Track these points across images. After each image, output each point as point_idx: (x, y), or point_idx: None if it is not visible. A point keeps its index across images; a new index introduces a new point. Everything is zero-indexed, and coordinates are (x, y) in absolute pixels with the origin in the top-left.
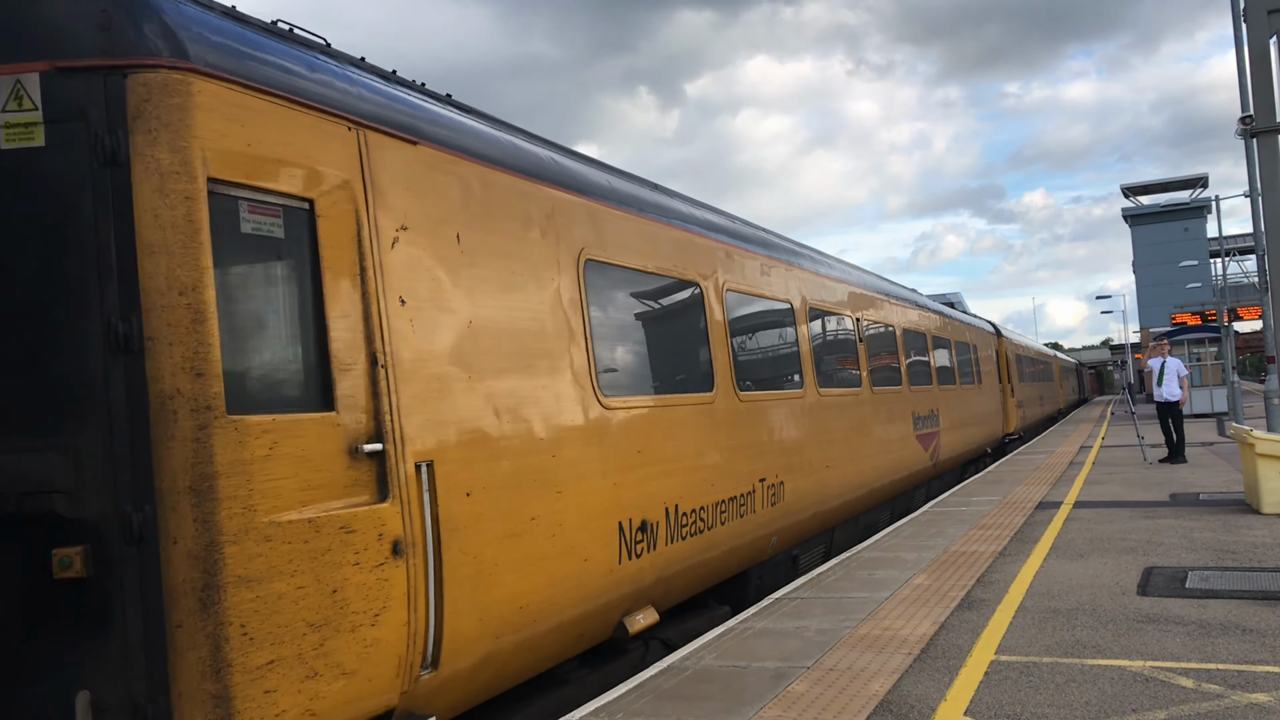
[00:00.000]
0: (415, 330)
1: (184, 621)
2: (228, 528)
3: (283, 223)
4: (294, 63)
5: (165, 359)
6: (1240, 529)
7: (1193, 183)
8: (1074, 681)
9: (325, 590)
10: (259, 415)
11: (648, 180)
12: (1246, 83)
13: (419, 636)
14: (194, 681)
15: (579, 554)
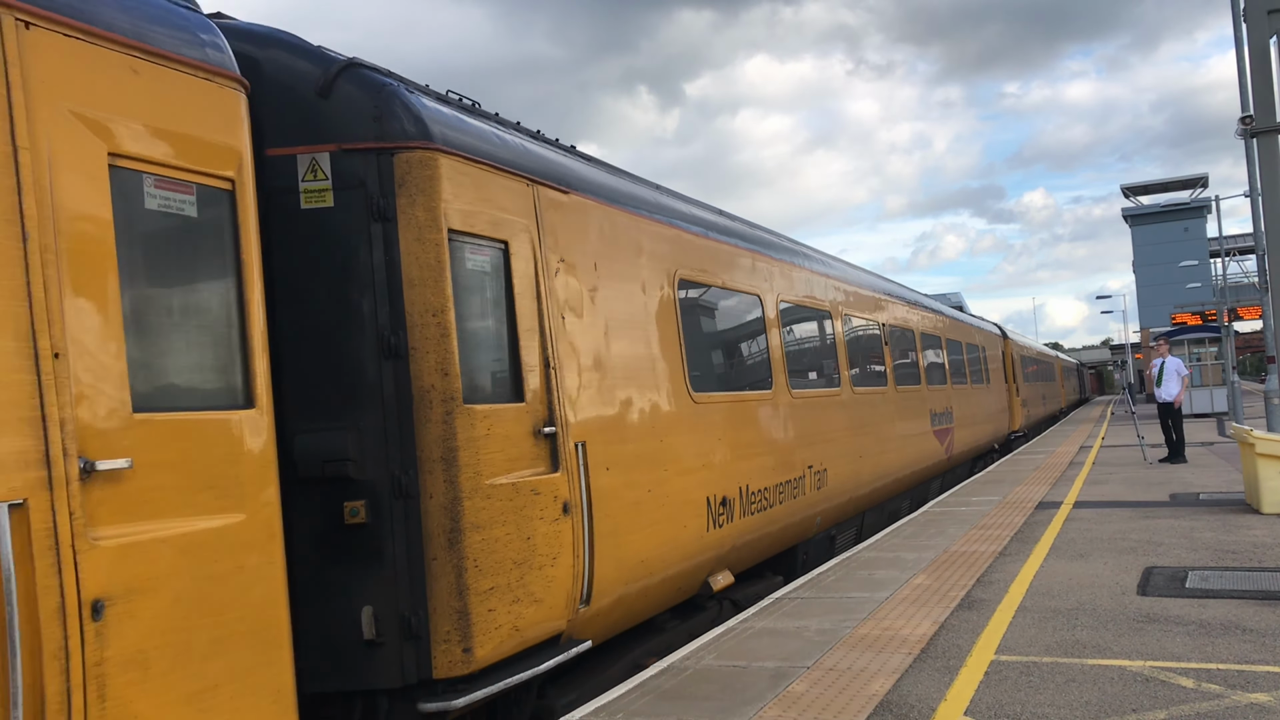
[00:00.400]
0: (571, 340)
1: (437, 555)
2: (465, 487)
3: (490, 261)
4: (491, 135)
5: (423, 363)
6: (1240, 529)
7: (1193, 183)
8: (1074, 681)
9: (523, 537)
10: (482, 405)
11: (715, 207)
12: (1246, 83)
13: (579, 578)
14: (444, 600)
15: (680, 522)
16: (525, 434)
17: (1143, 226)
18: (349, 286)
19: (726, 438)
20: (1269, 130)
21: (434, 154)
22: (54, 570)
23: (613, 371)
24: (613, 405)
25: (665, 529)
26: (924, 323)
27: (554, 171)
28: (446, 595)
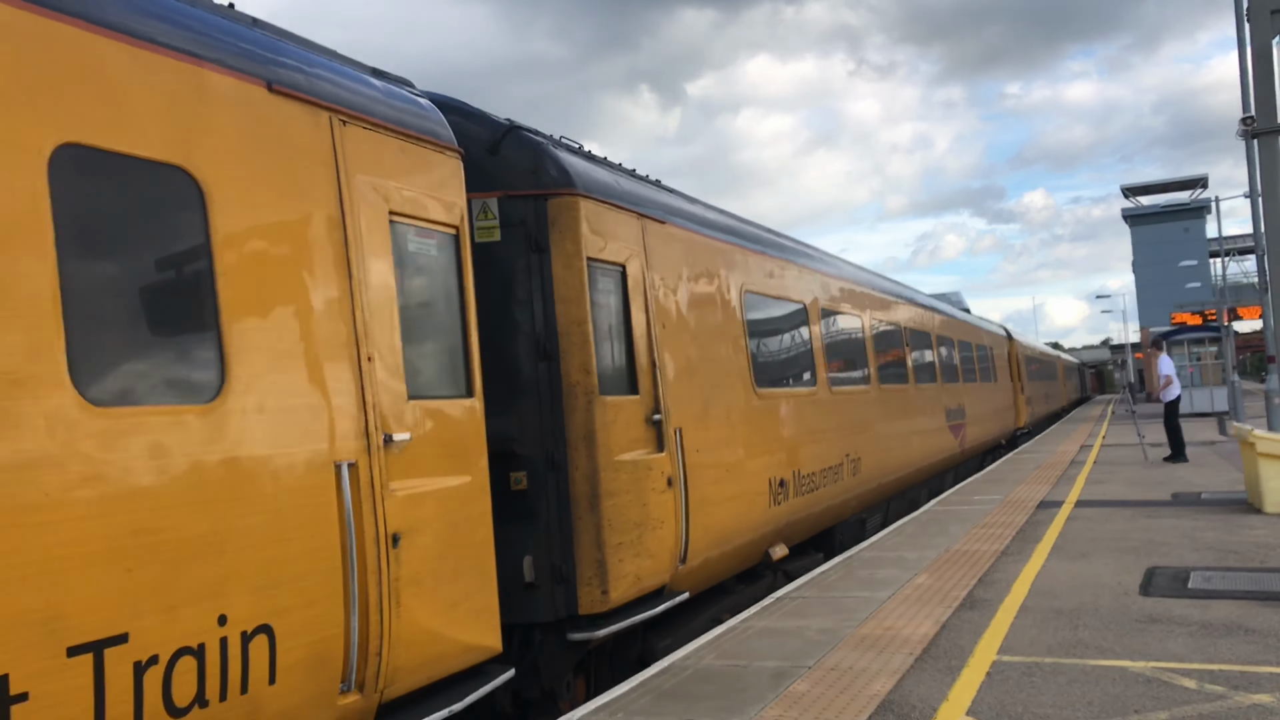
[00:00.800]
0: (669, 344)
1: (581, 516)
2: (601, 462)
3: (613, 281)
4: (611, 179)
5: (569, 363)
6: (1242, 529)
7: (1193, 183)
8: (1076, 682)
9: (640, 503)
10: (611, 396)
11: (768, 227)
12: (1248, 83)
13: (679, 540)
14: (587, 551)
15: (748, 498)
16: (640, 420)
17: (1143, 227)
18: (513, 303)
19: (783, 428)
20: (1270, 131)
21: (576, 198)
22: (372, 511)
23: (698, 370)
24: (699, 398)
25: (738, 504)
26: (939, 326)
27: (653, 205)
28: (588, 547)
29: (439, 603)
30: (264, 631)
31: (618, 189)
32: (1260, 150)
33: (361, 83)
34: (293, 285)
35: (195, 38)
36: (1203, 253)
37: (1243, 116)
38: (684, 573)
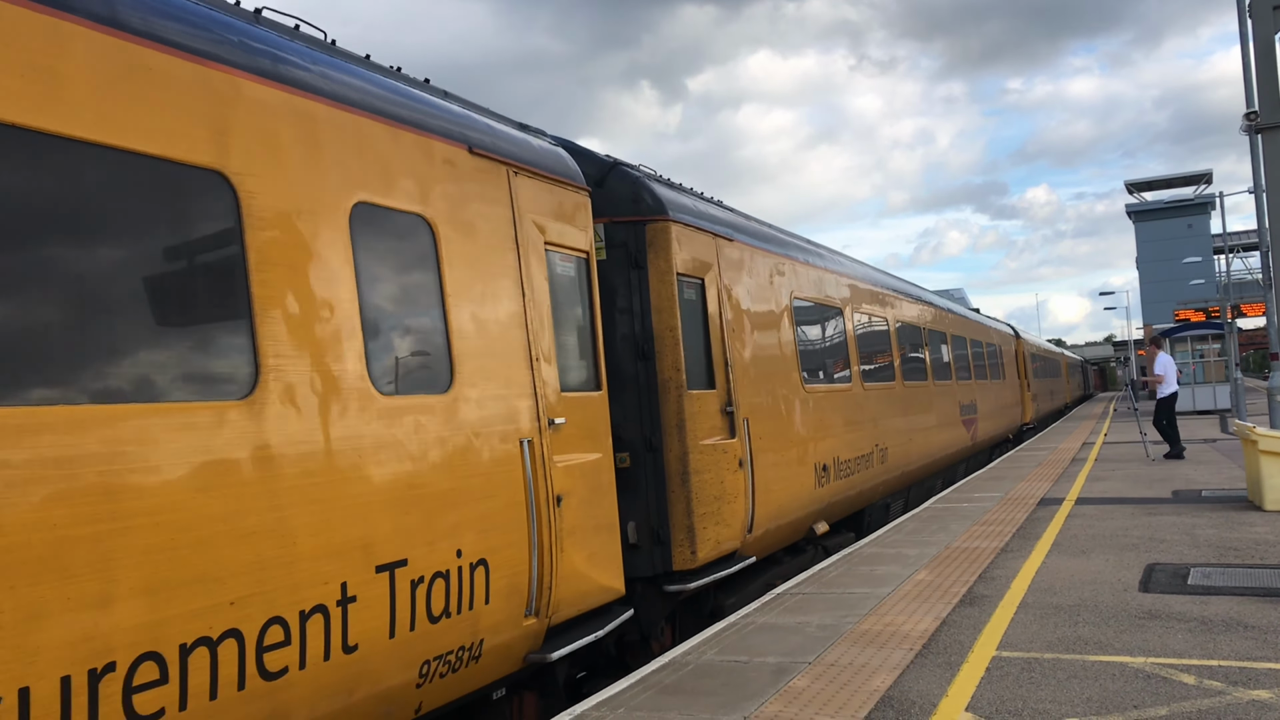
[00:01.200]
0: (736, 344)
1: (674, 490)
2: (690, 445)
3: (695, 292)
4: (692, 205)
5: (663, 362)
6: (1242, 526)
7: (1197, 179)
8: (1076, 677)
9: (719, 480)
10: (695, 390)
11: (811, 240)
12: (1252, 78)
13: (748, 512)
14: (679, 519)
15: (799, 480)
16: (716, 411)
17: (1147, 223)
18: (616, 312)
19: (825, 419)
20: (1274, 126)
21: (668, 223)
22: (543, 476)
23: (759, 368)
24: (760, 392)
25: (791, 485)
26: (953, 326)
27: (722, 224)
28: (680, 515)
29: (585, 551)
30: (482, 565)
31: (697, 212)
32: (1264, 145)
33: (524, 140)
34: (491, 303)
35: (424, 115)
36: (1207, 249)
37: (1246, 111)
38: (750, 540)
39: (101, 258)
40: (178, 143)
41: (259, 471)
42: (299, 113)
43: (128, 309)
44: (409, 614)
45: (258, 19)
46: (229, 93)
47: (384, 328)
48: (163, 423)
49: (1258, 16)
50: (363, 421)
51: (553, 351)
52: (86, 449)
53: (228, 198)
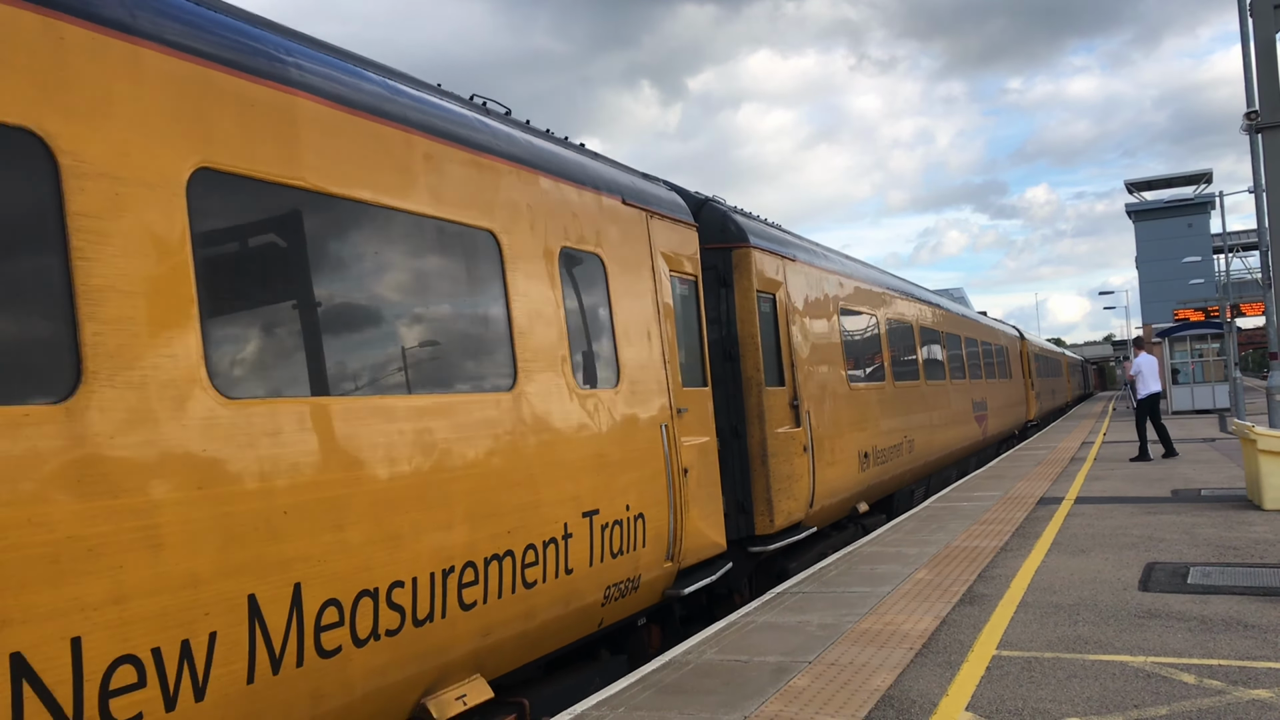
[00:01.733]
0: (800, 348)
1: (755, 469)
2: (767, 433)
3: (769, 305)
4: (767, 231)
5: (746, 364)
6: (1242, 525)
7: (1197, 178)
8: (1075, 677)
9: (789, 462)
10: (771, 387)
11: (850, 255)
12: (1252, 78)
13: (810, 490)
14: (760, 492)
15: (846, 464)
16: (786, 405)
17: (1146, 222)
18: (709, 322)
19: (866, 413)
20: (1274, 126)
21: (749, 249)
22: (674, 453)
23: (815, 368)
24: (817, 389)
25: (841, 468)
26: (966, 329)
27: (788, 246)
28: (761, 490)
29: (702, 512)
30: (640, 517)
31: (770, 238)
32: (1265, 145)
33: (654, 189)
34: (641, 318)
35: (597, 177)
36: (1207, 248)
37: (1247, 111)
38: (812, 513)
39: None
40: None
41: (517, 443)
42: (530, 183)
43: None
44: (600, 550)
45: (486, 110)
46: (496, 171)
47: (578, 338)
48: (475, 406)
49: (1258, 16)
50: (571, 408)
51: (676, 356)
52: (436, 424)
53: (492, 248)
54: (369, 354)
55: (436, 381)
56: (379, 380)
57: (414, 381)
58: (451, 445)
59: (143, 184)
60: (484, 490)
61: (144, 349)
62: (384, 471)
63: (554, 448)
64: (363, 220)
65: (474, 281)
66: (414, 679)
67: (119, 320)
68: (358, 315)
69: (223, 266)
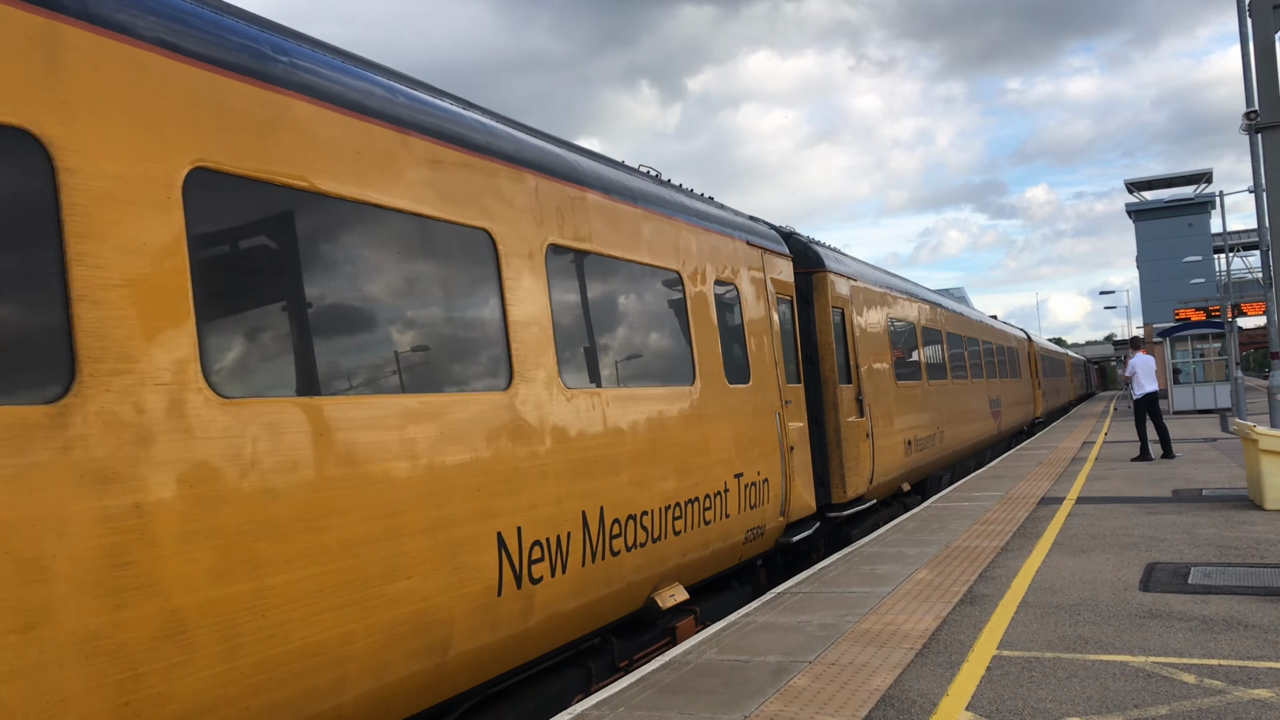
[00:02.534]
0: (861, 352)
1: (831, 450)
2: (841, 421)
3: (840, 318)
4: (839, 256)
5: (824, 366)
6: (1243, 525)
7: (1197, 178)
8: (1076, 676)
9: (856, 445)
10: (843, 385)
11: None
12: (1252, 78)
13: (870, 469)
14: (835, 469)
15: (896, 450)
16: (853, 399)
17: (1147, 222)
18: (795, 333)
19: (909, 406)
20: (1274, 125)
21: (826, 274)
22: (784, 434)
23: (872, 368)
24: (873, 386)
25: (892, 453)
26: (983, 333)
27: (853, 270)
28: (836, 467)
29: (801, 480)
30: (766, 481)
31: (840, 263)
32: (1264, 145)
33: (764, 229)
34: (761, 330)
35: (731, 226)
36: (1207, 248)
37: (1246, 111)
38: (871, 489)
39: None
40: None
41: (698, 424)
42: (700, 235)
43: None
44: (743, 502)
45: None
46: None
47: (728, 347)
48: (677, 396)
49: (1258, 16)
50: (725, 399)
51: (783, 358)
52: (659, 407)
53: (679, 287)
54: (650, 360)
55: (661, 378)
56: (648, 376)
57: (654, 378)
58: (668, 421)
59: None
60: (683, 455)
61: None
62: (636, 437)
63: (717, 427)
64: (617, 270)
65: (672, 313)
66: (648, 579)
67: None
68: (639, 330)
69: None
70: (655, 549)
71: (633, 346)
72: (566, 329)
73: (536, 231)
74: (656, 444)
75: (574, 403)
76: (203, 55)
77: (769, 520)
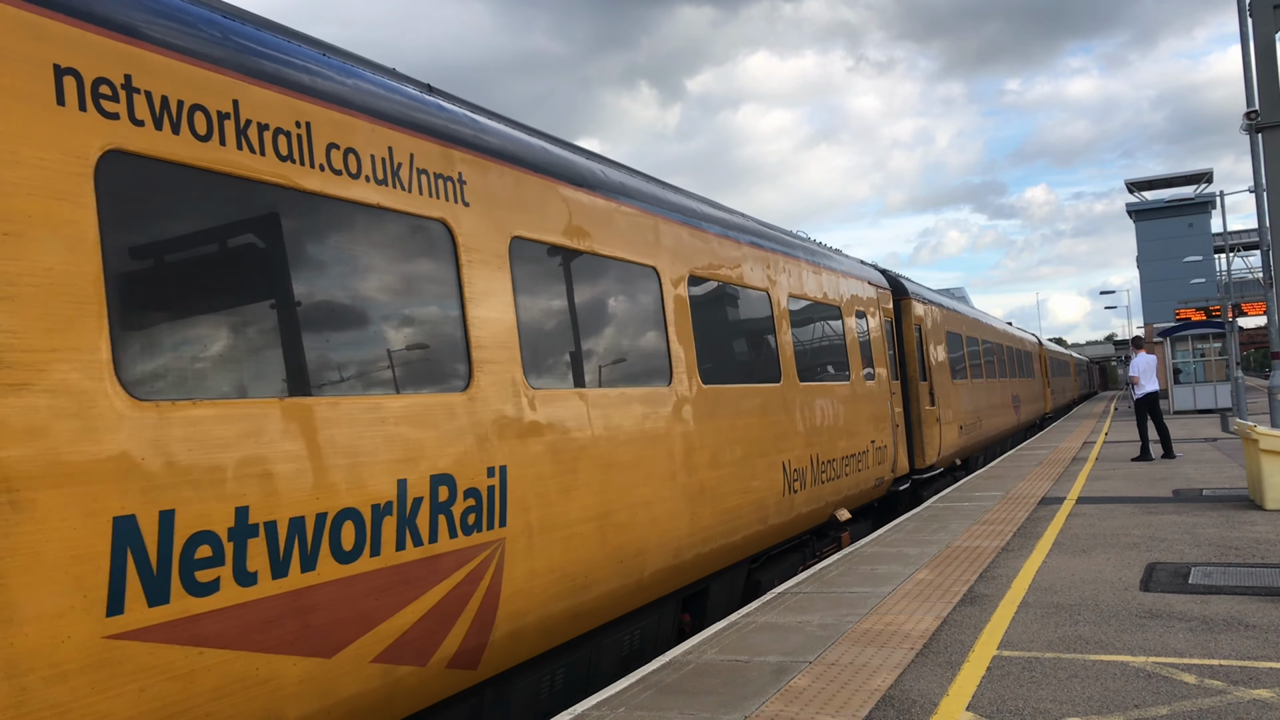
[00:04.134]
0: (932, 357)
1: (915, 429)
2: (921, 409)
3: (918, 332)
4: (917, 286)
5: (910, 367)
6: (1243, 525)
7: (1197, 178)
8: (1076, 677)
9: (931, 428)
10: (921, 382)
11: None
12: (1252, 78)
13: (939, 445)
14: (916, 444)
15: (954, 431)
16: (927, 392)
17: (1147, 221)
18: (889, 345)
19: (960, 399)
20: (1274, 125)
21: (910, 300)
22: (892, 413)
23: (939, 368)
24: (940, 384)
25: (951, 434)
26: (1007, 340)
27: (925, 295)
28: (918, 442)
29: (902, 449)
30: (885, 446)
31: (917, 290)
32: (1265, 144)
33: (877, 274)
34: (880, 341)
35: (865, 277)
36: (1208, 248)
37: (1247, 111)
38: (939, 460)
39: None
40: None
41: (853, 402)
42: (849, 280)
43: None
44: (873, 459)
45: (813, 242)
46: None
47: (865, 354)
48: (848, 386)
49: (1258, 16)
50: (866, 388)
51: (889, 362)
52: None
53: (838, 315)
54: (829, 363)
55: (836, 376)
56: (828, 375)
57: (831, 376)
58: (841, 403)
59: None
60: (849, 426)
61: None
62: (831, 412)
63: (861, 409)
64: (820, 310)
65: (838, 332)
66: (832, 502)
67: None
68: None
69: None
70: (837, 483)
71: (820, 355)
72: (800, 351)
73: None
74: (838, 418)
75: (807, 393)
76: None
77: (885, 474)
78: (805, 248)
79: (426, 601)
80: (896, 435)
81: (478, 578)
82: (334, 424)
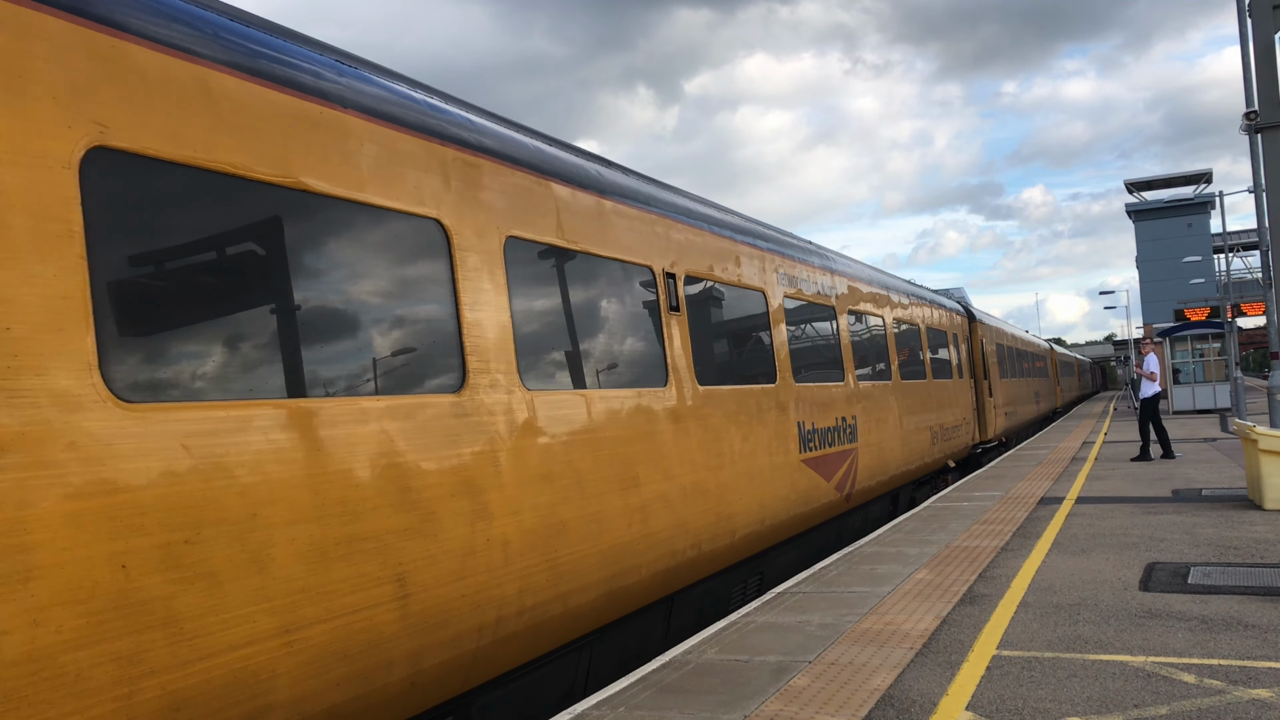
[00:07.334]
0: (990, 361)
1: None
2: (984, 399)
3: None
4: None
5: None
6: (1243, 525)
7: (1196, 178)
8: (1076, 676)
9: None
10: (983, 380)
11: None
12: (1251, 78)
13: (996, 425)
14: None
15: (1003, 415)
16: (987, 387)
17: (1146, 222)
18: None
19: (1005, 394)
20: (1273, 126)
21: (977, 322)
22: (973, 396)
23: (994, 371)
24: (995, 380)
25: (1000, 418)
26: (1027, 345)
27: (985, 318)
28: (982, 422)
29: (974, 425)
30: (966, 421)
31: (980, 314)
32: (1264, 145)
33: (952, 303)
34: (961, 352)
35: (946, 304)
36: (1207, 248)
37: (1246, 111)
38: (994, 436)
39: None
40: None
41: (954, 391)
42: (935, 308)
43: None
44: (964, 431)
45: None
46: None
47: (955, 359)
48: (940, 385)
49: (1257, 16)
50: (954, 383)
51: (968, 365)
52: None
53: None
54: (942, 368)
55: (947, 375)
56: (941, 375)
57: (944, 375)
58: (946, 392)
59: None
60: (951, 406)
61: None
62: (944, 399)
63: (960, 396)
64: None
65: (945, 346)
66: (946, 454)
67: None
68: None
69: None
70: (947, 444)
71: (935, 361)
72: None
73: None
74: (943, 401)
75: (940, 386)
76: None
77: (968, 440)
78: (930, 293)
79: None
80: (973, 416)
81: (853, 462)
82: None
